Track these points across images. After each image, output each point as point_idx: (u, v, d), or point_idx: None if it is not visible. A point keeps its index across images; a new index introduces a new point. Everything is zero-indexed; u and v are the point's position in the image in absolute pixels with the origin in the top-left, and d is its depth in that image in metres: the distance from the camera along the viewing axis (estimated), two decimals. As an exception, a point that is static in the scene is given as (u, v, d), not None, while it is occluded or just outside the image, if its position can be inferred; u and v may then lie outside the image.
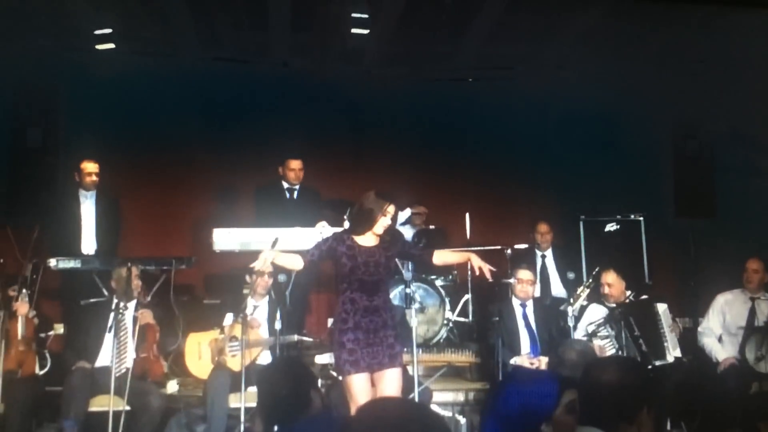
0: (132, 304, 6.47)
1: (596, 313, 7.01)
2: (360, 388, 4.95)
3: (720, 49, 8.30)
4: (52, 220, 7.67)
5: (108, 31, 8.20)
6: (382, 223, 5.16)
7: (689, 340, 7.25)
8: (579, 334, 7.03)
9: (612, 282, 7.06)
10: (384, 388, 5.00)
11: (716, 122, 9.10)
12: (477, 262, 5.38)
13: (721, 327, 6.95)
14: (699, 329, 7.09)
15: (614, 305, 6.97)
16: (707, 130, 9.19)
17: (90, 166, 7.65)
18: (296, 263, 5.20)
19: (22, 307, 6.42)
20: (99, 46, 8.25)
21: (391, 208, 5.18)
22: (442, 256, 5.51)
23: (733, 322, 6.93)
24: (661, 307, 6.89)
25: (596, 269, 7.30)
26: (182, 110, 8.94)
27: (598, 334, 6.85)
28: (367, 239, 5.19)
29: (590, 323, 6.94)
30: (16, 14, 7.91)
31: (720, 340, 6.94)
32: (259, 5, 8.20)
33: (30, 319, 6.48)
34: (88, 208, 7.67)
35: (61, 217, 7.68)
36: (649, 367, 6.49)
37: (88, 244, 7.63)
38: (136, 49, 8.67)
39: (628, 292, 7.20)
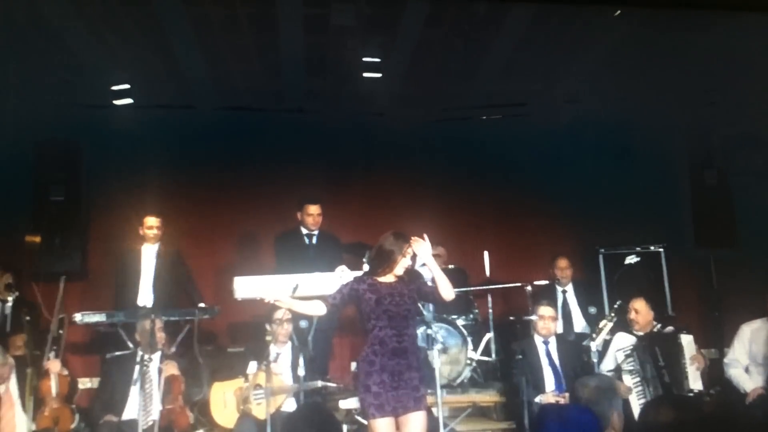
0: (156, 356, 6.52)
1: (623, 341, 7.06)
2: (384, 432, 4.95)
3: (738, 77, 8.29)
4: (117, 273, 7.89)
5: (126, 86, 8.35)
6: (402, 264, 5.21)
7: (716, 371, 7.19)
8: (607, 365, 7.03)
9: (639, 309, 7.14)
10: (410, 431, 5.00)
11: (734, 150, 9.07)
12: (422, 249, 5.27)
13: (748, 357, 6.90)
14: (725, 360, 7.04)
15: (641, 334, 7.03)
16: (725, 159, 9.15)
17: (151, 221, 7.81)
18: (318, 309, 5.22)
19: (54, 365, 6.50)
20: (117, 102, 8.38)
21: (410, 249, 5.22)
22: (442, 287, 5.24)
23: (759, 352, 6.87)
24: (686, 339, 6.88)
25: (618, 303, 7.28)
26: (200, 160, 9.06)
27: (625, 368, 6.85)
28: (387, 279, 5.24)
29: (618, 350, 6.97)
30: (35, 72, 8.09)
31: (747, 370, 6.88)
32: (272, 53, 8.33)
33: (63, 376, 6.54)
34: (149, 260, 7.82)
35: (122, 270, 7.84)
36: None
37: (146, 295, 7.76)
38: (154, 102, 8.80)
39: (655, 323, 7.22)
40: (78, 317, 7.07)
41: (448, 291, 5.28)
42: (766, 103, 8.02)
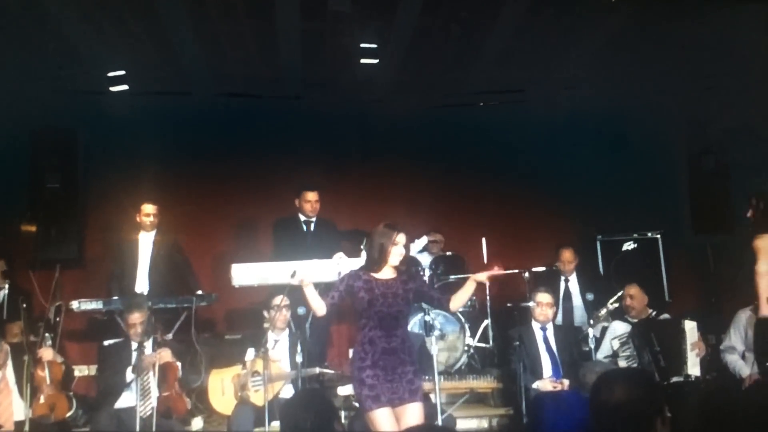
0: (149, 343, 6.50)
1: (619, 328, 7.12)
2: (383, 423, 4.93)
3: (737, 63, 8.27)
4: (113, 261, 7.91)
5: (121, 72, 8.31)
6: (395, 254, 5.15)
7: (713, 357, 7.20)
8: (604, 352, 7.07)
9: (634, 294, 7.22)
10: (406, 423, 4.97)
11: (732, 136, 9.04)
12: (482, 278, 5.36)
13: (743, 343, 6.88)
14: (721, 347, 7.03)
15: (636, 320, 7.09)
16: (723, 145, 9.14)
17: (148, 208, 7.81)
18: (320, 308, 5.18)
19: (47, 353, 6.49)
20: (113, 88, 8.35)
21: (399, 237, 5.16)
22: (457, 301, 5.36)
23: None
24: (689, 325, 6.89)
25: (620, 293, 7.30)
26: (197, 147, 9.05)
27: (621, 354, 6.89)
28: (384, 273, 5.17)
29: (614, 338, 7.00)
30: (30, 59, 8.05)
31: (743, 356, 6.88)
32: (269, 40, 8.29)
33: (58, 364, 6.54)
34: (146, 248, 7.81)
35: (119, 258, 7.83)
36: (665, 383, 6.52)
37: (142, 283, 7.75)
38: (150, 89, 8.77)
39: (650, 310, 7.24)
40: (75, 305, 7.06)
41: (458, 306, 5.44)
42: (765, 91, 8.00)
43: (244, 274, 7.01)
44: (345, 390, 6.46)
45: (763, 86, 8.02)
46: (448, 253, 8.75)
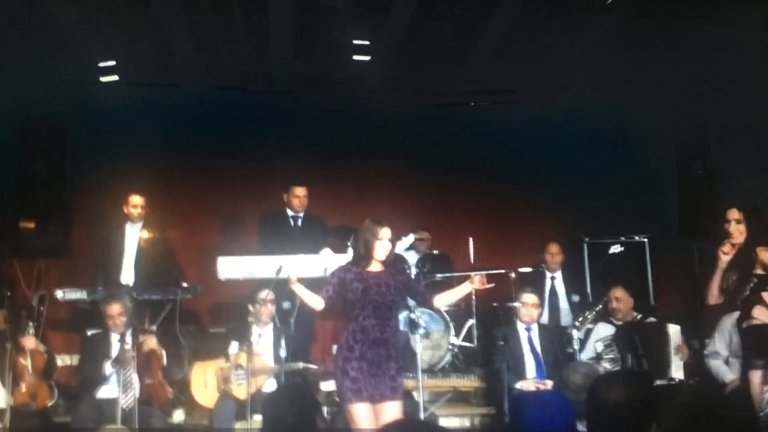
0: (130, 332, 6.46)
1: (604, 330, 7.13)
2: (362, 417, 4.97)
3: (731, 65, 8.28)
4: (99, 251, 7.85)
5: (111, 63, 8.26)
6: (380, 249, 5.20)
7: (696, 361, 7.21)
8: (587, 354, 7.08)
9: (620, 297, 7.25)
10: (384, 421, 4.96)
11: (723, 141, 9.06)
12: (476, 285, 5.37)
13: (728, 349, 6.89)
14: (705, 352, 7.03)
15: (621, 323, 7.10)
16: (712, 150, 9.16)
17: (135, 199, 7.76)
18: (317, 304, 5.23)
19: (29, 341, 6.47)
20: (103, 78, 8.30)
21: (384, 232, 5.21)
22: (441, 300, 5.47)
23: (739, 344, 6.86)
24: (673, 329, 6.92)
25: (606, 298, 7.31)
26: (186, 140, 9.03)
27: (605, 357, 6.89)
28: (373, 267, 5.25)
29: (598, 340, 7.02)
30: (20, 48, 7.99)
31: (727, 361, 6.89)
32: (261, 34, 8.27)
33: (40, 353, 6.51)
34: (132, 239, 7.77)
35: (104, 248, 7.79)
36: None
37: (128, 274, 7.71)
38: (140, 80, 8.73)
39: (635, 313, 7.25)
40: (59, 294, 7.03)
41: (442, 304, 5.61)
42: (755, 94, 8.02)
43: (231, 267, 6.99)
44: (328, 386, 6.46)
45: (758, 89, 8.03)
46: (435, 252, 8.76)
